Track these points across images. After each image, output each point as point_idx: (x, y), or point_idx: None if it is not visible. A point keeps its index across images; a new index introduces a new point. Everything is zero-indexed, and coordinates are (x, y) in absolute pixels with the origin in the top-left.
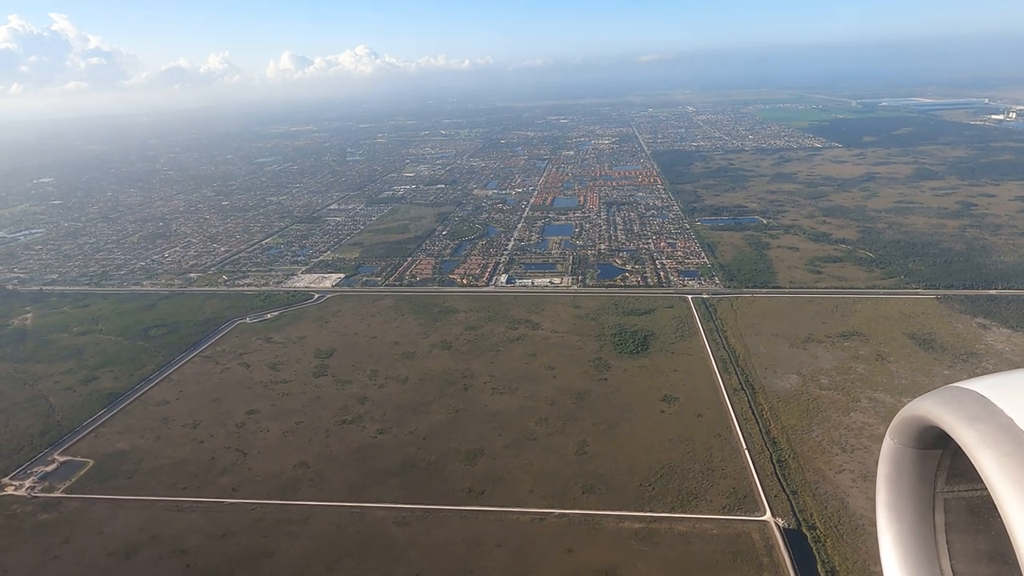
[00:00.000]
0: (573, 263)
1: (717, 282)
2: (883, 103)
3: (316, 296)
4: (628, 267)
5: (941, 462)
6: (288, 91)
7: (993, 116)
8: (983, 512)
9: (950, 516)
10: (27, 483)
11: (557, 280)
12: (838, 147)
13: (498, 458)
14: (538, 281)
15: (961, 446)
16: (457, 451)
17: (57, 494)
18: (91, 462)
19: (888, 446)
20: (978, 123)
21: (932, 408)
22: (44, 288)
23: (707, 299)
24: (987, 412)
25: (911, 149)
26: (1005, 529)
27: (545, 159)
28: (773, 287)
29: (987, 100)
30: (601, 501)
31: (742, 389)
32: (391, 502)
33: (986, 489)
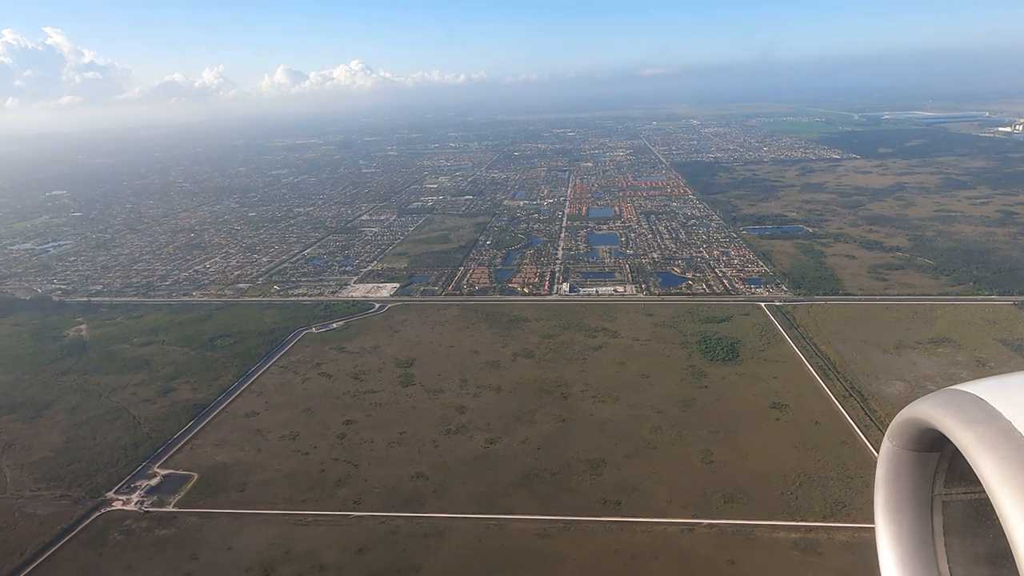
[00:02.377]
0: (631, 272)
1: (784, 289)
2: (885, 116)
3: (377, 306)
4: (689, 275)
5: (940, 465)
6: (284, 105)
7: (1000, 128)
8: (981, 515)
9: (948, 519)
10: (134, 497)
11: (620, 288)
12: (857, 158)
13: (622, 468)
14: (602, 290)
15: (960, 449)
16: (577, 461)
17: (169, 508)
18: (195, 475)
19: (887, 448)
20: (988, 135)
21: (931, 411)
22: (92, 299)
23: (781, 306)
24: (986, 415)
25: (930, 160)
26: (1003, 532)
27: (565, 170)
28: (843, 294)
29: (987, 113)
30: (746, 511)
31: (851, 396)
32: (525, 513)
33: (984, 492)
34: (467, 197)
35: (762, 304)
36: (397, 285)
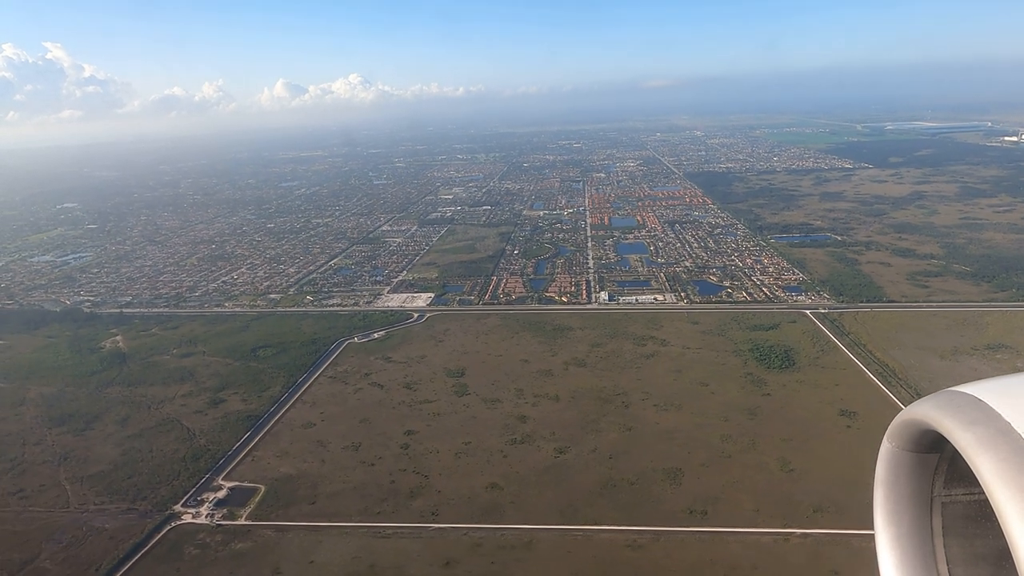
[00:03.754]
0: (667, 280)
1: (826, 297)
2: (888, 127)
3: (416, 316)
4: (726, 284)
5: (939, 466)
6: (283, 119)
7: (1007, 138)
8: (980, 516)
9: (947, 520)
10: (203, 510)
11: (660, 297)
12: (870, 167)
13: (701, 477)
14: (642, 298)
15: (959, 450)
16: (653, 470)
17: (241, 521)
18: (262, 487)
19: (886, 449)
20: (995, 145)
21: (930, 412)
22: (124, 311)
23: (826, 314)
24: (985, 416)
25: (943, 169)
26: (1002, 533)
27: (578, 181)
28: (887, 301)
29: (990, 123)
30: (838, 520)
31: None
32: (610, 524)
33: (983, 493)
34: (485, 208)
35: (807, 311)
36: (432, 295)
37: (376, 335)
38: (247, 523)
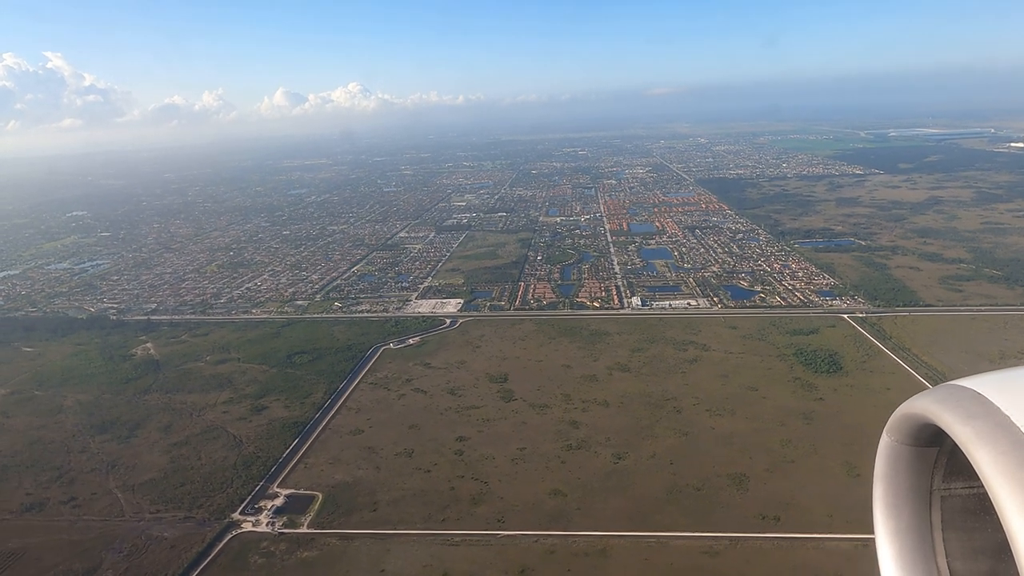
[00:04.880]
0: (697, 285)
1: (860, 301)
2: (892, 133)
3: (448, 321)
4: (758, 288)
5: (938, 460)
6: (284, 127)
7: (1014, 144)
8: (979, 509)
9: (946, 513)
10: (262, 518)
11: (693, 302)
12: (881, 173)
13: (767, 482)
14: (675, 303)
15: (958, 443)
16: (717, 475)
17: (304, 529)
18: (319, 495)
19: (885, 443)
20: (1003, 151)
21: (929, 405)
22: (151, 318)
23: (865, 318)
24: (984, 409)
25: (955, 175)
26: (1001, 526)
27: (589, 187)
28: (924, 305)
29: (992, 130)
30: None
31: None
32: (681, 530)
33: (982, 486)
34: (500, 214)
35: (844, 316)
36: (461, 301)
37: (411, 341)
38: (310, 531)
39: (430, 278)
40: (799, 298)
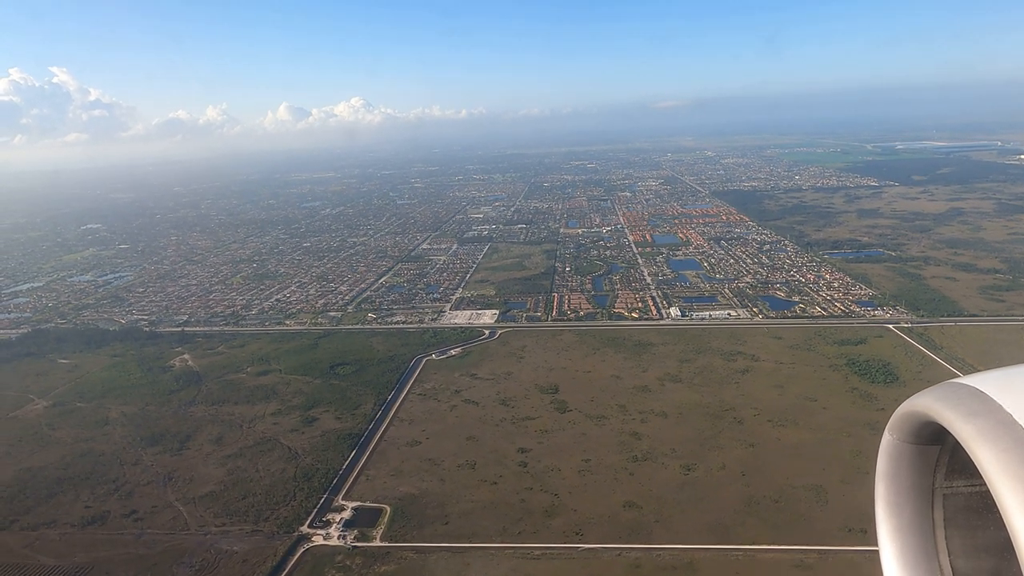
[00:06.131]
0: (733, 296)
1: (902, 311)
2: (898, 146)
3: (487, 332)
4: (795, 299)
5: (940, 458)
6: (288, 141)
7: (1023, 156)
8: (982, 508)
9: (949, 512)
10: (332, 532)
11: (732, 312)
12: (896, 185)
13: (845, 494)
14: (715, 313)
15: (960, 441)
16: (793, 487)
17: (377, 543)
18: (387, 507)
19: (887, 442)
20: (1014, 163)
21: (931, 404)
22: (185, 329)
23: (911, 328)
24: (986, 408)
25: (971, 186)
26: (1004, 525)
27: (604, 199)
28: (968, 315)
29: (1000, 142)
30: None
31: None
32: (767, 543)
33: (985, 485)
34: (520, 226)
35: (889, 326)
36: (496, 311)
37: (453, 352)
38: (384, 545)
39: (460, 289)
40: (839, 308)
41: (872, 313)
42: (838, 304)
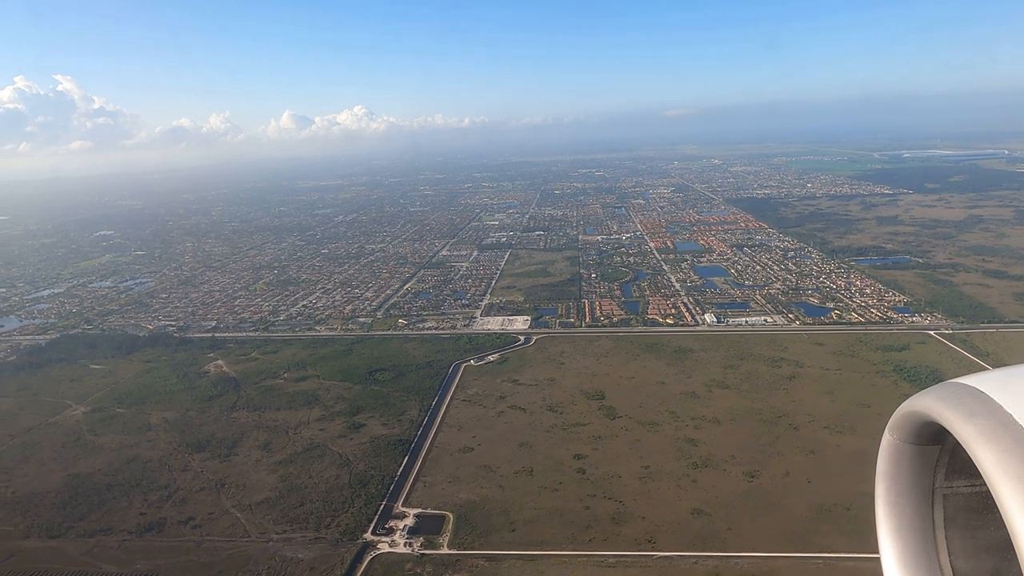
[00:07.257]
0: (767, 302)
1: (940, 317)
2: (906, 155)
3: (523, 339)
4: (830, 305)
5: (940, 458)
6: (292, 149)
7: None
8: (982, 508)
9: (949, 512)
10: (398, 539)
11: (768, 319)
12: (911, 193)
13: None
14: (751, 320)
15: (960, 442)
16: (861, 494)
17: (445, 551)
18: (449, 515)
19: (887, 442)
20: (1023, 171)
21: (931, 404)
22: (215, 335)
23: (953, 335)
24: (986, 408)
25: (986, 194)
26: (1004, 524)
27: (619, 207)
28: (1009, 322)
29: (1007, 151)
30: None
31: None
32: (844, 551)
33: (985, 485)
34: (537, 233)
35: (931, 332)
36: (528, 318)
37: (490, 358)
38: (452, 552)
39: (488, 295)
40: (876, 315)
41: (910, 320)
42: (874, 310)
